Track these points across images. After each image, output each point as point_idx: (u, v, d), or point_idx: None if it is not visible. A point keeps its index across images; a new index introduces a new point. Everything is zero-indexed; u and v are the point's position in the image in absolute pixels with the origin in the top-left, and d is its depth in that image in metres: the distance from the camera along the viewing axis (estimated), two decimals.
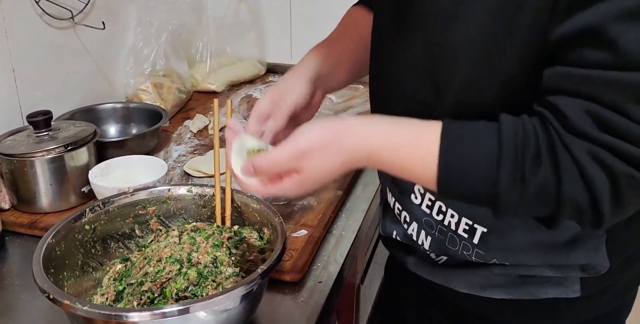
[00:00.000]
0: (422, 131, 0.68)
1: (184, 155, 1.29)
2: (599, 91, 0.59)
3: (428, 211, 0.83)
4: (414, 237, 0.87)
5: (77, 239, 0.83)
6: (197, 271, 0.78)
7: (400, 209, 0.89)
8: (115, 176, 1.09)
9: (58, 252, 0.79)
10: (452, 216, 0.80)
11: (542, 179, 0.61)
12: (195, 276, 0.78)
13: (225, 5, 1.76)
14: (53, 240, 0.78)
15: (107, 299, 0.80)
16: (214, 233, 0.85)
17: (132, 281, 0.80)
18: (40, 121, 1.07)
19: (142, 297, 0.77)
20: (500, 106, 0.66)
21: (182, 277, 0.77)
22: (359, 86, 1.62)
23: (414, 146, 0.67)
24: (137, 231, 0.90)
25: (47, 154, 1.04)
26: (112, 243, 0.88)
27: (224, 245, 0.83)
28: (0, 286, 0.91)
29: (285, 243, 0.77)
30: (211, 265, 0.79)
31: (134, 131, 1.36)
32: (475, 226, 0.78)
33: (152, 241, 0.88)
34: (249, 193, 0.88)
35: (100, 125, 1.31)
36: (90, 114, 1.32)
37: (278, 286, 0.88)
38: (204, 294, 0.76)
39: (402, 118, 0.70)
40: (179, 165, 1.24)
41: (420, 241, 0.86)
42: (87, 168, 1.08)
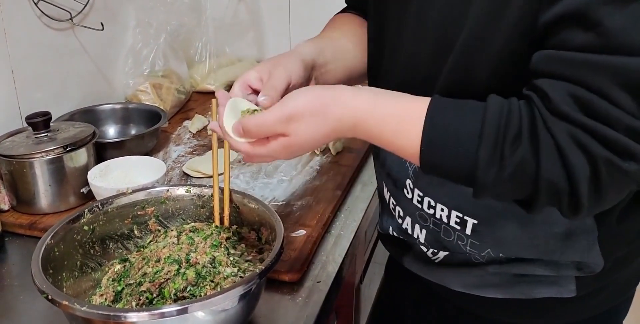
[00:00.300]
0: (410, 104, 0.69)
1: (183, 155, 1.29)
2: (583, 74, 0.59)
3: (419, 206, 0.83)
4: (409, 231, 0.87)
5: (76, 240, 0.83)
6: (195, 271, 0.78)
7: (395, 203, 0.89)
8: (114, 177, 1.10)
9: (57, 253, 0.79)
10: (442, 209, 0.80)
11: (521, 158, 0.61)
12: (193, 276, 0.78)
13: (224, 6, 1.76)
14: (52, 241, 0.79)
15: (106, 299, 0.80)
16: (212, 233, 0.85)
17: (131, 282, 0.80)
18: (39, 122, 1.07)
19: (141, 297, 0.77)
20: (490, 90, 0.67)
21: (180, 277, 0.78)
22: (358, 86, 1.62)
23: (400, 118, 0.68)
24: (135, 232, 0.90)
25: (46, 155, 1.04)
26: (111, 243, 0.88)
27: (222, 245, 0.83)
28: (0, 287, 0.91)
29: (283, 242, 0.77)
30: (209, 265, 0.79)
31: (133, 132, 1.36)
32: (466, 218, 0.79)
33: (150, 242, 0.88)
34: (248, 194, 0.89)
35: (99, 126, 1.32)
36: (89, 115, 1.32)
37: (277, 286, 0.89)
38: (203, 294, 0.76)
39: (392, 91, 0.71)
40: (178, 165, 1.24)
41: (415, 234, 0.86)
42: (86, 169, 1.08)
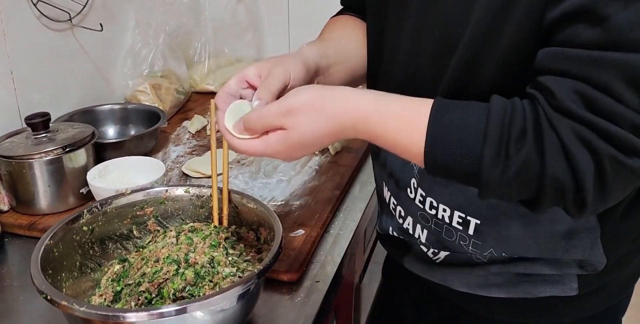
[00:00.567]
0: (413, 104, 0.68)
1: (182, 156, 1.29)
2: (589, 71, 0.59)
3: (421, 206, 0.83)
4: (410, 231, 0.87)
5: (75, 240, 0.83)
6: (194, 272, 0.78)
7: (396, 203, 0.89)
8: (114, 177, 1.10)
9: (56, 253, 0.79)
10: (444, 210, 0.80)
11: (526, 156, 0.61)
12: (192, 276, 0.78)
13: (223, 6, 1.76)
14: (51, 241, 0.79)
15: (105, 299, 0.80)
16: (211, 233, 0.85)
17: (130, 282, 0.80)
18: (39, 122, 1.07)
19: (140, 297, 0.77)
20: (495, 90, 0.67)
21: (179, 277, 0.78)
22: (359, 86, 1.62)
23: (403, 117, 0.67)
24: (135, 232, 0.90)
25: (46, 156, 1.04)
26: (110, 243, 0.88)
27: (221, 245, 0.83)
28: (0, 288, 0.91)
29: (281, 242, 0.77)
30: (208, 265, 0.79)
31: (132, 132, 1.36)
32: (469, 218, 0.79)
33: (149, 242, 0.89)
34: (247, 194, 0.89)
35: (98, 126, 1.32)
36: (88, 115, 1.33)
37: (275, 285, 0.89)
38: (201, 294, 0.76)
39: (393, 94, 0.71)
40: (178, 166, 1.24)
41: (416, 234, 0.86)
42: (85, 169, 1.08)
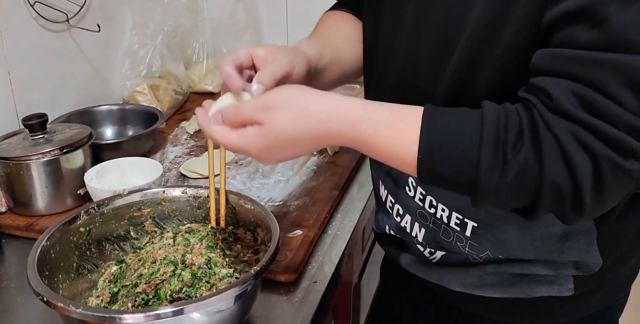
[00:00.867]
0: (404, 111, 0.67)
1: (180, 156, 1.29)
2: (587, 72, 0.58)
3: (421, 204, 0.83)
4: (408, 229, 0.87)
5: (72, 241, 0.83)
6: (191, 273, 0.78)
7: (393, 201, 0.88)
8: (111, 178, 1.10)
9: (53, 255, 0.79)
10: (443, 210, 0.80)
11: (524, 160, 0.60)
12: (189, 277, 0.78)
13: (222, 6, 1.76)
14: (47, 243, 0.79)
15: (102, 301, 0.80)
16: (208, 234, 0.85)
17: (127, 283, 0.80)
18: (36, 123, 1.07)
19: (137, 299, 0.77)
20: (493, 92, 0.66)
21: (176, 278, 0.78)
22: (356, 85, 1.62)
23: (395, 124, 0.66)
24: (132, 233, 0.90)
25: (43, 157, 1.04)
26: (107, 245, 0.88)
27: (218, 246, 0.83)
28: None
29: (278, 243, 0.77)
30: (205, 266, 0.79)
31: (130, 133, 1.36)
32: (466, 220, 0.79)
33: (147, 243, 0.88)
34: (244, 194, 0.89)
35: (96, 127, 1.31)
36: (86, 116, 1.32)
37: (273, 286, 0.89)
38: (198, 295, 0.76)
39: (383, 102, 0.69)
40: (175, 166, 1.24)
41: (414, 233, 0.86)
42: (82, 171, 1.08)
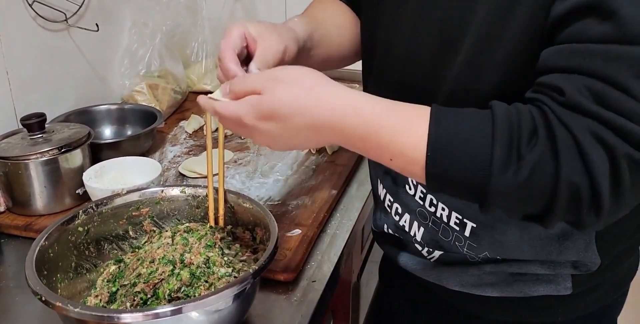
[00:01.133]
0: (412, 105, 0.64)
1: (179, 156, 1.29)
2: (599, 66, 0.57)
3: (421, 202, 0.83)
4: (406, 229, 0.87)
5: (71, 241, 0.83)
6: (189, 272, 0.78)
7: (392, 200, 0.88)
8: (110, 178, 1.09)
9: (51, 254, 0.79)
10: (443, 209, 0.80)
11: (539, 156, 0.57)
12: (187, 276, 0.78)
13: (221, 5, 1.76)
14: (46, 242, 0.79)
15: (100, 300, 0.80)
16: (206, 234, 0.85)
17: (126, 283, 0.80)
18: (34, 123, 1.07)
19: (135, 298, 0.77)
20: (499, 94, 0.65)
21: (174, 278, 0.78)
22: (354, 85, 1.62)
23: (403, 114, 0.63)
24: (130, 233, 0.90)
25: (41, 157, 1.04)
26: (106, 244, 0.88)
27: (217, 245, 0.83)
28: None
29: (277, 242, 0.77)
30: (204, 266, 0.79)
31: (129, 133, 1.36)
32: (465, 220, 0.79)
33: (145, 242, 0.88)
34: (243, 194, 0.89)
35: (95, 127, 1.31)
36: (85, 115, 1.32)
37: (272, 285, 0.89)
38: (197, 294, 0.76)
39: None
40: (174, 166, 1.24)
41: (412, 232, 0.86)
42: (81, 170, 1.08)
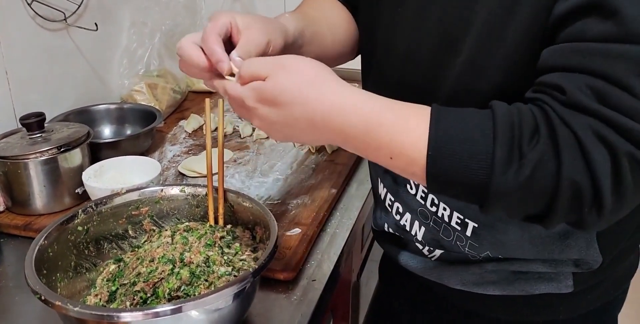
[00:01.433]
0: (409, 107, 0.64)
1: (178, 155, 1.29)
2: (600, 64, 0.57)
3: (422, 202, 0.83)
4: (407, 228, 0.87)
5: (70, 240, 0.83)
6: (189, 271, 0.78)
7: (393, 199, 0.88)
8: (109, 177, 1.09)
9: (51, 253, 0.79)
10: (444, 209, 0.80)
11: (541, 155, 0.57)
12: (187, 275, 0.78)
13: (220, 5, 1.76)
14: (45, 242, 0.78)
15: (100, 300, 0.80)
16: (206, 233, 0.85)
17: (125, 282, 0.80)
18: (33, 122, 1.07)
19: (135, 297, 0.77)
20: (500, 93, 0.65)
21: (174, 277, 0.78)
22: (354, 84, 1.61)
23: (403, 112, 0.63)
24: (130, 232, 0.90)
25: (41, 156, 1.04)
26: (106, 243, 0.88)
27: (216, 244, 0.83)
28: None
29: (277, 241, 0.77)
30: (203, 265, 0.79)
31: (129, 132, 1.36)
32: (467, 220, 0.79)
33: (145, 242, 0.88)
34: (242, 193, 0.89)
35: (94, 126, 1.31)
36: (84, 115, 1.32)
37: (272, 284, 0.88)
38: (197, 293, 0.76)
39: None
40: (174, 165, 1.24)
41: (413, 231, 0.86)
42: (80, 169, 1.08)
